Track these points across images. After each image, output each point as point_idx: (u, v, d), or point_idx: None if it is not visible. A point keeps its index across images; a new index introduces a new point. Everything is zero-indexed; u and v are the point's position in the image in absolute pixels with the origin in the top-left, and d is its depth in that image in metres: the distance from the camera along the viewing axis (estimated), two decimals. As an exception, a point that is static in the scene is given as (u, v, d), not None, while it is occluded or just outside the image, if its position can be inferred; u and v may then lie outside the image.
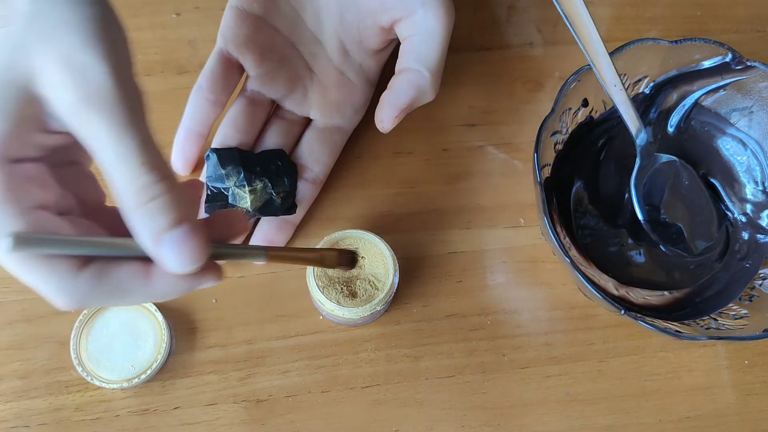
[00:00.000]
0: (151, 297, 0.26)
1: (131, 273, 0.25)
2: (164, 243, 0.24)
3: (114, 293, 0.25)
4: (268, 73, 0.42)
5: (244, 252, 0.31)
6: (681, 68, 0.43)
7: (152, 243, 0.24)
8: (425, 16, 0.37)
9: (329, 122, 0.44)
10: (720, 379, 0.43)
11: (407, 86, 0.38)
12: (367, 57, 0.43)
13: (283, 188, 0.42)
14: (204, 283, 0.26)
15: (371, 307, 0.38)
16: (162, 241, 0.24)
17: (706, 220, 0.44)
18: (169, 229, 0.24)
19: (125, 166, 0.24)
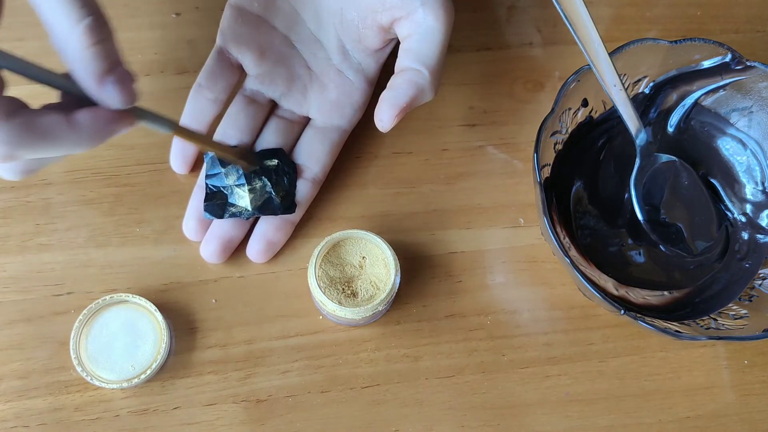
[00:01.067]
0: (76, 142, 0.28)
1: (57, 120, 0.28)
2: (107, 83, 0.28)
3: (43, 138, 0.27)
4: (268, 72, 0.42)
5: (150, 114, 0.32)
6: (681, 68, 0.43)
7: (96, 83, 0.27)
8: (425, 15, 0.37)
9: (328, 121, 0.44)
10: (720, 379, 0.43)
11: (407, 85, 0.38)
12: (366, 56, 0.43)
13: (283, 187, 0.42)
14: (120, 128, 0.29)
15: (373, 307, 0.38)
16: (105, 81, 0.28)
17: (706, 220, 0.44)
18: (111, 70, 0.28)
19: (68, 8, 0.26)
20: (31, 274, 0.42)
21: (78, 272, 0.42)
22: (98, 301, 0.40)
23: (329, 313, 0.40)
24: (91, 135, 0.29)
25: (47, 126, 0.28)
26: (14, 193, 0.43)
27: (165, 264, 0.43)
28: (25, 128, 0.27)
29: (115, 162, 0.44)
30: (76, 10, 0.26)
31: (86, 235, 0.43)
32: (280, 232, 0.43)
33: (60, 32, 0.26)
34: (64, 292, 0.42)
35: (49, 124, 0.28)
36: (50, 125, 0.28)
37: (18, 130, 0.26)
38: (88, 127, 0.28)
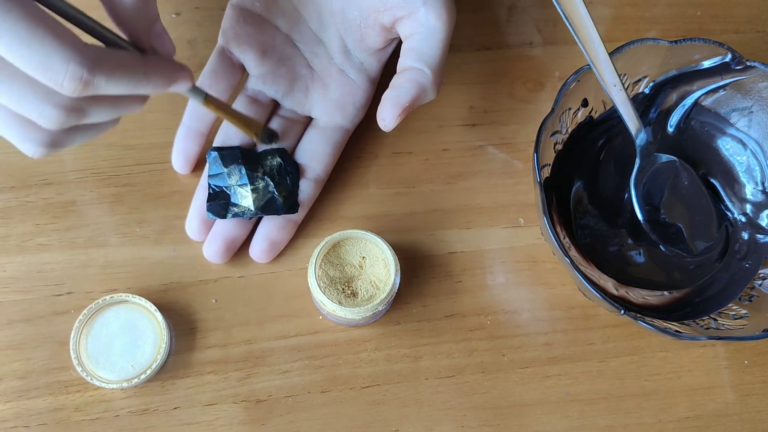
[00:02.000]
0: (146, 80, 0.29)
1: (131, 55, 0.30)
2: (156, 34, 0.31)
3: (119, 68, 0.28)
4: (269, 72, 0.42)
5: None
6: (681, 68, 0.43)
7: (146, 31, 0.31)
8: (427, 14, 0.37)
9: (330, 121, 0.44)
10: (720, 379, 0.43)
11: (409, 85, 0.38)
12: (368, 56, 0.43)
13: (285, 187, 0.42)
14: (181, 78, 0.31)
15: (373, 307, 0.38)
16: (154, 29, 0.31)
17: (706, 220, 0.44)
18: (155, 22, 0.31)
19: None
20: (31, 274, 0.42)
21: (78, 272, 0.42)
22: (98, 301, 0.40)
23: (329, 313, 0.40)
24: (159, 75, 0.30)
25: (123, 57, 0.28)
26: (14, 193, 0.43)
27: (165, 264, 0.43)
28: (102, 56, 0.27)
29: (115, 162, 0.44)
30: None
31: (86, 235, 0.43)
32: (283, 232, 0.43)
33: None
34: (64, 292, 0.42)
35: (124, 56, 0.29)
36: (125, 58, 0.29)
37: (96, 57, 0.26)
38: (158, 68, 0.30)
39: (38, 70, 0.26)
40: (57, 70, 0.26)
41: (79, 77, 0.26)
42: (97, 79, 0.27)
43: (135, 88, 0.29)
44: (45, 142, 0.29)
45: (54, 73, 0.26)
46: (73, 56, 0.26)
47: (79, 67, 0.26)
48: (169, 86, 0.31)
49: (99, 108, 0.29)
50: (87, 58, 0.26)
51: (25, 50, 0.25)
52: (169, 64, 0.31)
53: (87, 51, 0.26)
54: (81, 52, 0.26)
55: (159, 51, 0.31)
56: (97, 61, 0.26)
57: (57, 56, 0.25)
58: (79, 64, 0.26)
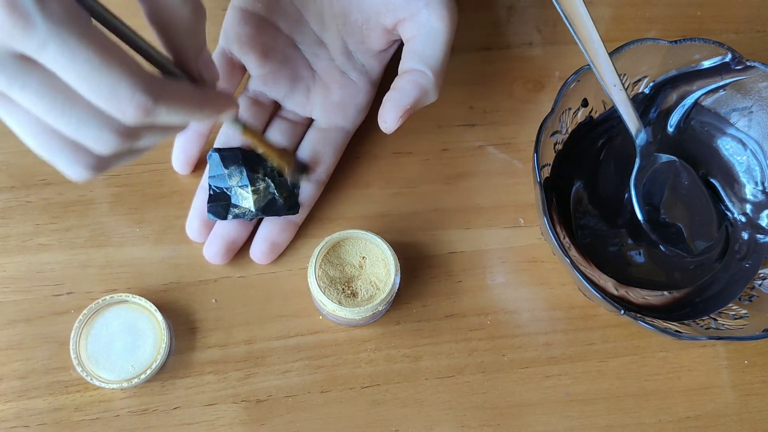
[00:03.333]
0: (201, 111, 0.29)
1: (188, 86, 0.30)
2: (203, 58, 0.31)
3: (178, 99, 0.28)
4: (271, 73, 0.42)
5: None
6: (681, 68, 0.43)
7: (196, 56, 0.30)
8: (429, 16, 0.37)
9: (331, 123, 0.44)
10: (720, 379, 0.43)
11: (411, 87, 0.38)
12: (369, 57, 0.43)
13: (286, 188, 0.42)
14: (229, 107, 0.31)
15: (373, 307, 0.38)
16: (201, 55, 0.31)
17: (706, 220, 0.44)
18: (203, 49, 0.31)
19: None
20: (31, 274, 0.42)
21: (78, 272, 0.42)
22: (98, 301, 0.40)
23: (329, 313, 0.40)
24: (212, 108, 0.30)
25: (182, 88, 0.28)
26: (14, 193, 0.43)
27: (165, 264, 0.43)
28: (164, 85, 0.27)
29: (115, 162, 0.44)
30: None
31: (86, 235, 0.43)
32: (284, 233, 0.43)
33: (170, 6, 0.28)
34: (64, 292, 0.42)
35: (183, 87, 0.29)
36: (184, 89, 0.29)
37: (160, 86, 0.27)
38: (211, 99, 0.30)
39: (105, 97, 0.26)
40: (123, 97, 0.25)
41: (143, 106, 0.26)
42: (158, 108, 0.26)
43: (189, 118, 0.29)
44: (93, 165, 0.29)
45: (120, 100, 0.26)
46: (139, 85, 0.26)
47: (144, 97, 0.26)
48: (219, 117, 0.31)
49: (150, 134, 0.29)
50: (152, 88, 0.26)
51: (95, 78, 0.25)
52: (219, 95, 0.31)
53: (152, 81, 0.26)
54: (147, 81, 0.26)
55: (206, 79, 0.31)
56: (161, 92, 0.26)
57: (125, 84, 0.25)
58: (145, 93, 0.26)
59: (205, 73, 0.31)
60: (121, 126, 0.27)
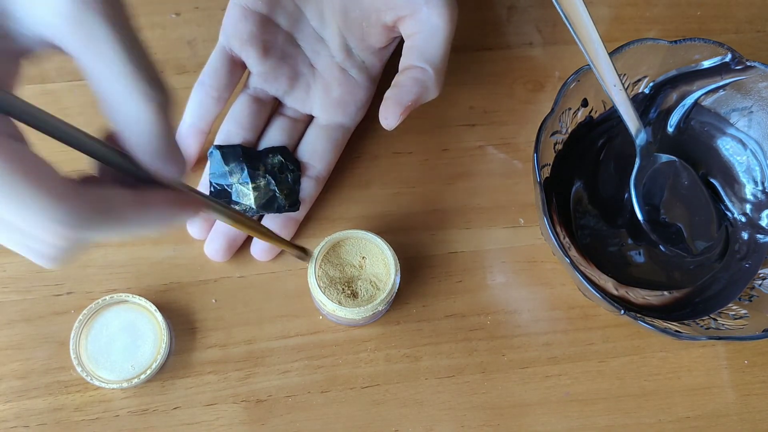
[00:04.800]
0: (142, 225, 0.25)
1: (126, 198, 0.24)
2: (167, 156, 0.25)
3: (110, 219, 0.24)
4: (271, 70, 0.42)
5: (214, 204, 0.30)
6: (681, 68, 0.43)
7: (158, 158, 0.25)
8: (429, 13, 0.37)
9: (332, 120, 0.44)
10: (720, 379, 0.43)
11: (412, 83, 0.38)
12: (370, 54, 0.43)
13: (287, 185, 0.42)
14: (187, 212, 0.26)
15: (373, 307, 0.38)
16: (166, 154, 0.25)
17: (706, 220, 0.44)
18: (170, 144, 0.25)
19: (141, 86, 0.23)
20: (31, 274, 0.42)
21: (78, 272, 0.42)
22: (98, 301, 0.40)
23: (329, 313, 0.40)
24: (159, 218, 0.25)
25: (116, 203, 0.24)
26: (14, 193, 0.43)
27: (165, 264, 0.43)
28: (91, 206, 0.23)
29: (115, 162, 0.44)
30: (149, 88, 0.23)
31: (86, 235, 0.43)
32: (285, 230, 0.43)
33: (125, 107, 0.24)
34: (64, 292, 0.42)
35: (116, 202, 0.24)
36: (118, 204, 0.24)
37: (84, 209, 0.23)
38: (159, 208, 0.25)
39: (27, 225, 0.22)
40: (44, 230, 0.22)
41: (67, 237, 0.23)
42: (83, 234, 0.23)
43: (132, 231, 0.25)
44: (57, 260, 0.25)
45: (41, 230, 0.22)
46: (58, 217, 0.22)
47: (66, 228, 0.22)
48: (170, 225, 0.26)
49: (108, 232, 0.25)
50: (74, 217, 0.22)
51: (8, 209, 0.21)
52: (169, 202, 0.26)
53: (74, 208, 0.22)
54: (67, 210, 0.22)
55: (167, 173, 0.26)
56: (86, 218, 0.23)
57: (41, 218, 0.22)
58: (66, 225, 0.22)
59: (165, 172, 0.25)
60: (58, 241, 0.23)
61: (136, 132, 0.24)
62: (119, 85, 0.23)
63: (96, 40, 0.22)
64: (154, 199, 0.25)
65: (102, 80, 0.23)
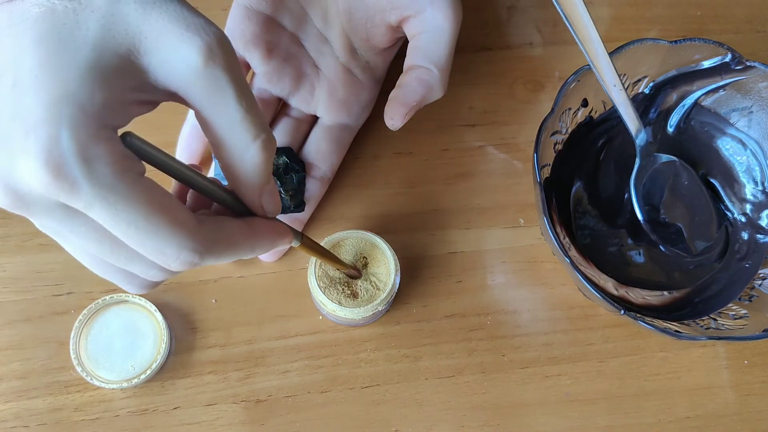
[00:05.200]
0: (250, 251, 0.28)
1: (239, 227, 0.28)
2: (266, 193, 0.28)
3: (228, 247, 0.27)
4: (275, 70, 0.42)
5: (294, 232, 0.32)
6: (681, 68, 0.43)
7: (257, 196, 0.28)
8: (434, 14, 0.37)
9: (336, 120, 0.44)
10: (720, 379, 0.43)
11: (417, 84, 0.38)
12: (374, 55, 0.43)
13: (292, 186, 0.42)
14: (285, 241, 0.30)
15: (373, 307, 0.38)
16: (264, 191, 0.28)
17: (706, 220, 0.44)
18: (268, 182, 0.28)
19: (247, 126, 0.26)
20: (31, 274, 0.42)
21: (78, 272, 0.42)
22: (98, 301, 0.40)
23: (329, 313, 0.40)
24: (263, 245, 0.29)
25: (231, 233, 0.27)
26: (14, 193, 0.43)
27: (165, 264, 0.43)
28: (213, 236, 0.26)
29: (115, 162, 0.44)
30: (254, 126, 0.26)
31: (86, 235, 0.43)
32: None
33: (234, 146, 0.26)
34: (64, 292, 0.42)
35: (233, 231, 0.27)
36: (233, 233, 0.27)
37: (207, 239, 0.26)
38: (264, 236, 0.29)
39: (151, 253, 0.25)
40: (169, 255, 0.25)
41: (190, 261, 0.26)
42: (205, 260, 0.26)
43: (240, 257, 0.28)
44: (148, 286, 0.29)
45: (166, 257, 0.25)
46: (186, 243, 0.25)
47: (191, 254, 0.25)
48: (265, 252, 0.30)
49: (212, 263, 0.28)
50: (200, 244, 0.25)
51: (140, 237, 0.24)
52: (273, 230, 0.29)
53: (199, 236, 0.25)
54: (194, 237, 0.25)
55: (266, 210, 0.29)
56: (208, 245, 0.26)
57: (171, 244, 0.25)
58: (192, 251, 0.25)
59: (267, 206, 0.29)
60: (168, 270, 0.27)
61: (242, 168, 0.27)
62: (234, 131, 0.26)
63: (219, 92, 0.25)
64: (261, 228, 0.29)
65: (218, 127, 0.26)
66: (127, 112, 0.25)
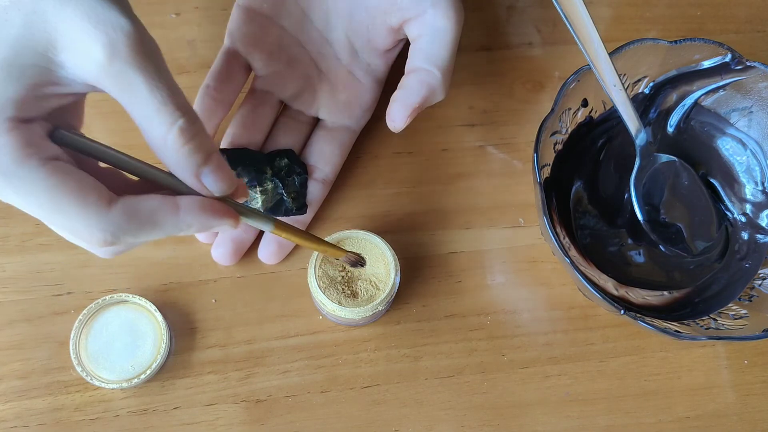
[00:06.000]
0: (178, 229, 0.28)
1: (160, 205, 0.28)
2: (204, 175, 0.28)
3: (145, 225, 0.27)
4: (277, 72, 0.42)
5: (253, 213, 0.32)
6: (681, 68, 0.43)
7: (193, 177, 0.28)
8: (435, 15, 0.37)
9: (338, 122, 0.44)
10: (720, 379, 0.43)
11: (418, 85, 0.38)
12: (375, 57, 0.43)
13: (294, 188, 0.42)
14: (222, 223, 0.29)
15: (373, 307, 0.38)
16: (202, 173, 0.28)
17: (706, 220, 0.44)
18: (206, 163, 0.28)
19: (162, 115, 0.26)
20: (31, 274, 0.42)
21: (78, 272, 0.42)
22: (98, 301, 0.40)
23: (329, 313, 0.40)
24: (193, 223, 0.28)
25: (150, 212, 0.27)
26: (14, 193, 0.43)
27: (165, 264, 0.43)
28: (127, 215, 0.27)
29: (115, 162, 0.44)
30: (169, 114, 0.27)
31: (86, 235, 0.43)
32: None
33: (154, 135, 0.27)
34: (64, 292, 0.42)
35: (152, 210, 0.27)
36: (153, 211, 0.27)
37: (120, 218, 0.27)
38: (192, 214, 0.28)
39: (67, 231, 0.27)
40: (82, 235, 0.27)
41: (103, 239, 0.27)
42: (123, 239, 0.27)
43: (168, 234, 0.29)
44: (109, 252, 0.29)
45: (81, 237, 0.27)
46: (94, 223, 0.26)
47: (102, 233, 0.26)
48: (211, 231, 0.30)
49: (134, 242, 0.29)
50: (110, 222, 0.26)
51: (51, 218, 0.26)
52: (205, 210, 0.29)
53: (109, 216, 0.26)
54: (102, 218, 0.26)
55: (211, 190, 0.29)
56: (121, 223, 0.27)
57: (80, 224, 0.26)
58: (102, 230, 0.26)
59: (210, 185, 0.29)
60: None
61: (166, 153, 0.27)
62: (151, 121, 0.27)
63: (129, 87, 0.26)
64: (189, 207, 0.28)
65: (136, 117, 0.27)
66: (43, 104, 0.26)
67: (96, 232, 0.26)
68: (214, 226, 0.29)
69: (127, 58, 0.26)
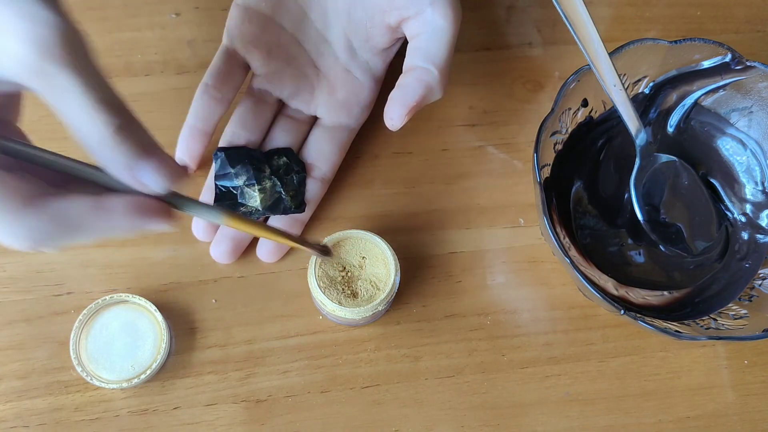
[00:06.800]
0: (106, 231, 0.26)
1: (85, 207, 0.26)
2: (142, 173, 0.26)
3: (70, 230, 0.26)
4: (275, 71, 0.42)
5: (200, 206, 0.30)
6: (681, 68, 0.43)
7: (130, 176, 0.26)
8: (433, 14, 0.37)
9: (336, 121, 0.44)
10: (720, 379, 0.43)
11: (416, 84, 0.38)
12: (373, 55, 0.43)
13: (292, 187, 0.42)
14: (155, 222, 0.27)
15: (373, 307, 0.38)
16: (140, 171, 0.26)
17: (706, 220, 0.44)
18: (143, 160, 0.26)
19: (92, 114, 0.25)
20: (31, 274, 0.42)
21: (78, 272, 0.42)
22: (98, 301, 0.40)
23: (329, 313, 0.40)
24: (122, 224, 0.26)
25: (74, 214, 0.26)
26: (14, 193, 0.43)
27: (165, 264, 0.43)
28: (50, 220, 0.25)
29: (115, 162, 0.44)
30: (103, 115, 0.25)
31: (86, 235, 0.43)
32: (291, 231, 0.43)
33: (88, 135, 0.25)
34: (64, 292, 0.42)
35: (76, 212, 0.26)
36: (77, 214, 0.26)
37: (43, 223, 0.25)
38: (120, 215, 0.26)
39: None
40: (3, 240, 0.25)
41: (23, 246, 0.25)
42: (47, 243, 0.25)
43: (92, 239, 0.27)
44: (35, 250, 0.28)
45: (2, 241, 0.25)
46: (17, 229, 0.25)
47: (24, 240, 0.25)
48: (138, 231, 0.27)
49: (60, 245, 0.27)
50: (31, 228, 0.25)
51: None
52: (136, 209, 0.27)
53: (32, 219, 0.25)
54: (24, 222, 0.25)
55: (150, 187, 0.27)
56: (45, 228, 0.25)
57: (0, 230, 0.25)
58: (24, 237, 0.25)
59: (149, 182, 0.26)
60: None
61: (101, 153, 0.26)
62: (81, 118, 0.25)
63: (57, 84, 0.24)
64: (116, 206, 0.26)
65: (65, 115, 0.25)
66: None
67: (19, 239, 0.25)
68: (146, 227, 0.27)
69: (58, 56, 0.24)
